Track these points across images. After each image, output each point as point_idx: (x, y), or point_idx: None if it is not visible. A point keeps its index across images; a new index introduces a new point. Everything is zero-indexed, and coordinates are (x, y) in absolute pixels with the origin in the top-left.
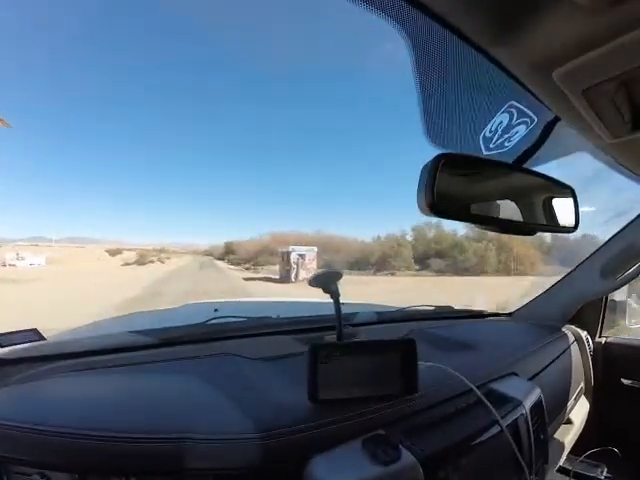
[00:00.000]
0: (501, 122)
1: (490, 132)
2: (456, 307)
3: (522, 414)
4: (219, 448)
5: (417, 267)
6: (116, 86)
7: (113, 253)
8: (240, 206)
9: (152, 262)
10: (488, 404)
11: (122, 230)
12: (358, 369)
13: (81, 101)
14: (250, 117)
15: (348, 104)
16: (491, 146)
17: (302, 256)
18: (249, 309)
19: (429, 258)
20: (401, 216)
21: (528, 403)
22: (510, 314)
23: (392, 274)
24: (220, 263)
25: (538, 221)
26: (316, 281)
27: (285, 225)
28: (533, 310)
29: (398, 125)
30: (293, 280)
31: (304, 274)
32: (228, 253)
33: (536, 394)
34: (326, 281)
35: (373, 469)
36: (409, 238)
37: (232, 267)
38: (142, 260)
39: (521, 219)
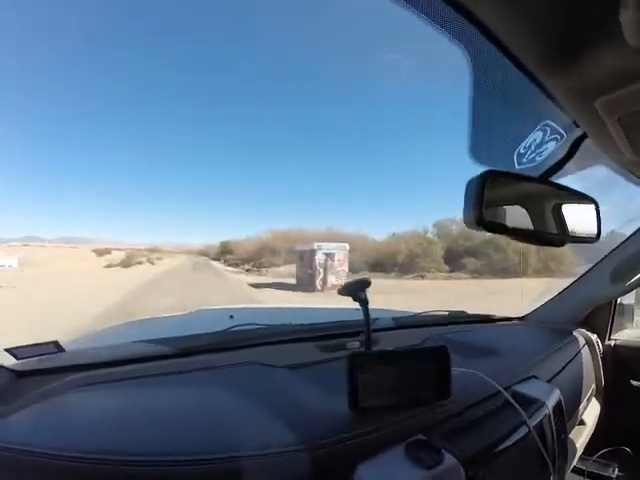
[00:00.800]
0: (535, 139)
1: (524, 148)
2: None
3: (546, 415)
4: (271, 463)
5: (448, 268)
6: (112, 85)
7: (101, 253)
8: (236, 204)
9: (140, 263)
10: (517, 406)
11: (118, 230)
12: (394, 376)
13: (78, 100)
14: (247, 114)
15: (347, 103)
16: (523, 160)
17: (330, 256)
18: (264, 316)
19: (460, 257)
20: (406, 215)
21: (550, 404)
22: (522, 318)
23: (421, 277)
24: (216, 264)
25: (566, 232)
26: (346, 289)
27: (283, 223)
28: (544, 314)
29: (396, 125)
30: (319, 288)
31: (333, 280)
32: (224, 253)
33: (557, 395)
34: (356, 289)
35: (418, 473)
36: (431, 235)
37: (230, 269)
38: (128, 261)
39: (554, 231)
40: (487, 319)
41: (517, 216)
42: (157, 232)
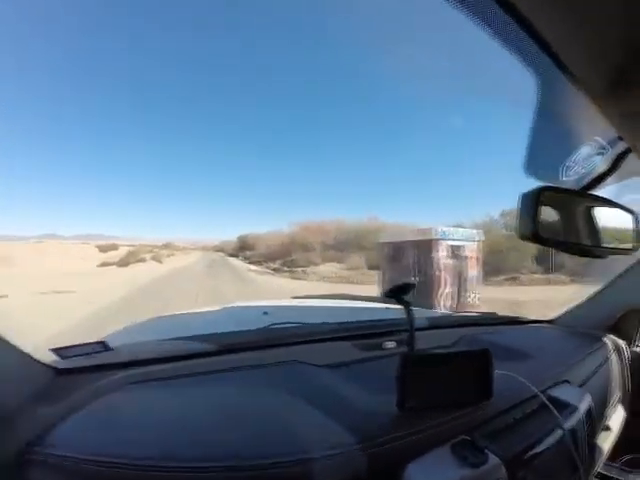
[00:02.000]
0: (582, 153)
1: (572, 162)
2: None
3: (579, 419)
4: (334, 463)
5: (541, 268)
6: (132, 82)
7: (104, 249)
8: (254, 196)
9: (142, 261)
10: (553, 409)
11: (138, 227)
12: (439, 378)
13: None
14: (265, 104)
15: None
16: (570, 173)
17: (458, 251)
18: (297, 313)
19: (546, 254)
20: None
21: (583, 409)
22: (551, 321)
23: (513, 279)
24: (235, 262)
25: (610, 244)
26: (391, 292)
27: (309, 214)
28: (574, 317)
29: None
30: (445, 308)
31: (473, 297)
32: (243, 249)
33: (588, 400)
34: (400, 292)
35: (464, 472)
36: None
37: (253, 268)
38: (128, 259)
39: (599, 244)
40: (517, 321)
41: (570, 230)
42: (176, 229)
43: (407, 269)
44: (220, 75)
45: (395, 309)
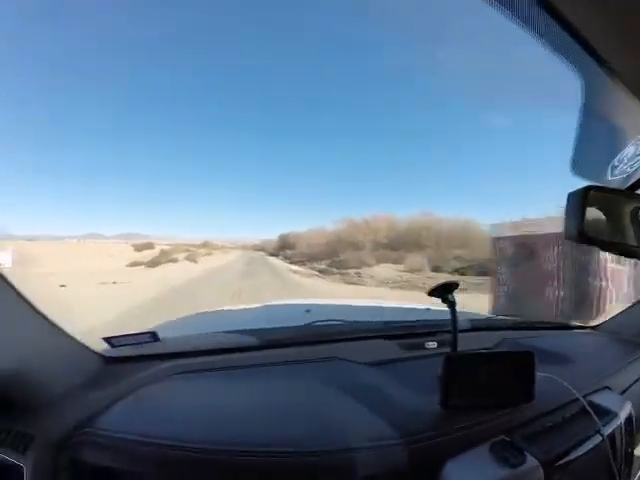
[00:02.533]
0: (627, 153)
1: (618, 161)
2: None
3: (618, 426)
4: (377, 454)
5: None
6: (173, 79)
7: (139, 248)
8: (297, 194)
9: (174, 261)
10: (593, 415)
11: (177, 226)
12: (482, 378)
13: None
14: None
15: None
16: (616, 173)
17: None
18: (338, 311)
19: None
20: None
21: (623, 416)
22: (594, 327)
23: None
24: (276, 261)
25: None
26: (436, 291)
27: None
28: (618, 324)
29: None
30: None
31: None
32: (284, 248)
33: (629, 408)
34: (445, 291)
35: (502, 471)
36: None
37: (295, 268)
38: (159, 259)
39: None
40: (560, 326)
41: (616, 230)
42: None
43: (543, 276)
44: (254, 63)
45: (435, 310)
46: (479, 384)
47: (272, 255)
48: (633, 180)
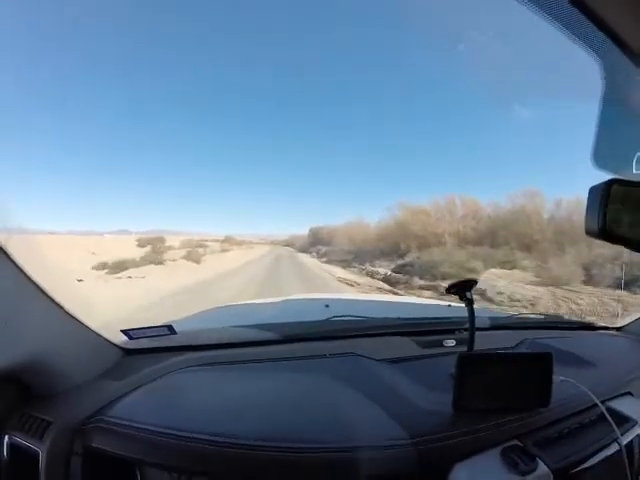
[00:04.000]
0: None
1: None
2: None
3: (638, 435)
4: (385, 455)
5: None
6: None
7: (143, 244)
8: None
9: (173, 261)
10: (612, 422)
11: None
12: (497, 380)
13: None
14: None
15: None
16: None
17: None
18: (358, 307)
19: None
20: None
21: None
22: (619, 328)
23: None
24: (306, 259)
25: None
26: (454, 288)
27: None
28: None
29: None
30: None
31: None
32: (315, 244)
33: None
34: (462, 288)
35: (511, 477)
36: None
37: (344, 274)
38: (156, 257)
39: None
40: (583, 326)
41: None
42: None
43: None
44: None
45: (456, 307)
46: (493, 386)
47: (302, 252)
48: None
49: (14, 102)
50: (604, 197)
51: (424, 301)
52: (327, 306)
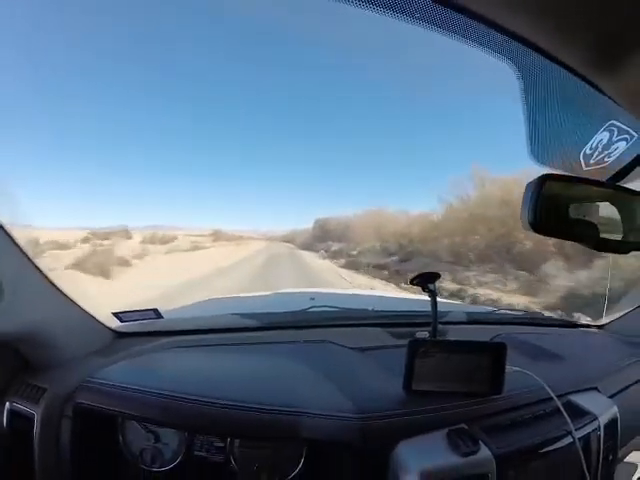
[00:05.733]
0: (601, 140)
1: (590, 149)
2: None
3: (595, 430)
4: (327, 423)
5: None
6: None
7: (87, 240)
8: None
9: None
10: (565, 415)
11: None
12: (450, 366)
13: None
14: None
15: None
16: (591, 162)
17: None
18: (342, 300)
19: None
20: None
21: (603, 420)
22: (600, 326)
23: None
24: (315, 260)
25: (634, 239)
26: (417, 280)
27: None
28: (626, 324)
29: None
30: None
31: None
32: (325, 239)
33: (612, 412)
34: (426, 280)
35: (453, 458)
36: None
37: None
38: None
39: (619, 237)
40: (563, 324)
41: (577, 220)
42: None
43: None
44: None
45: (442, 302)
46: (444, 371)
47: (305, 249)
48: (613, 169)
49: (13, 100)
50: (537, 191)
51: (408, 296)
52: (312, 299)
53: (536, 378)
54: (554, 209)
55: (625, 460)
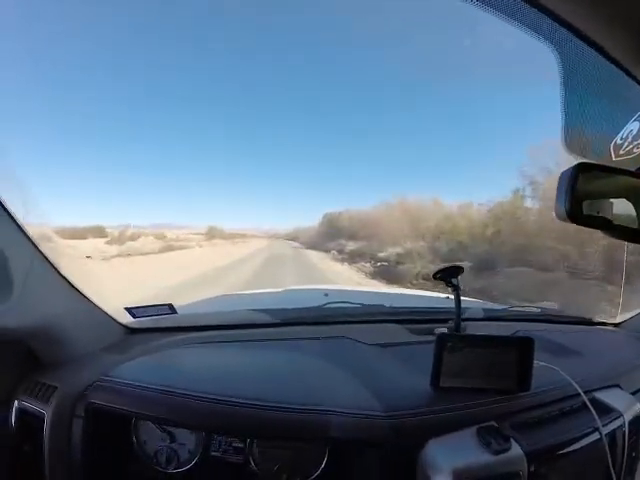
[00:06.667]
0: (632, 130)
1: (621, 139)
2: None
3: (620, 426)
4: (356, 422)
5: None
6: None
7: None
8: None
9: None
10: (593, 411)
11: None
12: (478, 361)
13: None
14: None
15: None
16: (621, 152)
17: None
18: (356, 296)
19: None
20: None
21: (628, 417)
22: (617, 324)
23: None
24: (326, 263)
25: None
26: (440, 274)
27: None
28: None
29: None
30: None
31: None
32: (335, 237)
33: (636, 409)
34: (449, 274)
35: (484, 456)
36: None
37: None
38: None
39: None
40: (579, 321)
41: (615, 211)
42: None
43: None
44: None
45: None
46: (472, 367)
47: (310, 249)
48: None
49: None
50: (572, 180)
51: (422, 293)
52: (326, 295)
53: (563, 374)
54: (589, 199)
55: None
